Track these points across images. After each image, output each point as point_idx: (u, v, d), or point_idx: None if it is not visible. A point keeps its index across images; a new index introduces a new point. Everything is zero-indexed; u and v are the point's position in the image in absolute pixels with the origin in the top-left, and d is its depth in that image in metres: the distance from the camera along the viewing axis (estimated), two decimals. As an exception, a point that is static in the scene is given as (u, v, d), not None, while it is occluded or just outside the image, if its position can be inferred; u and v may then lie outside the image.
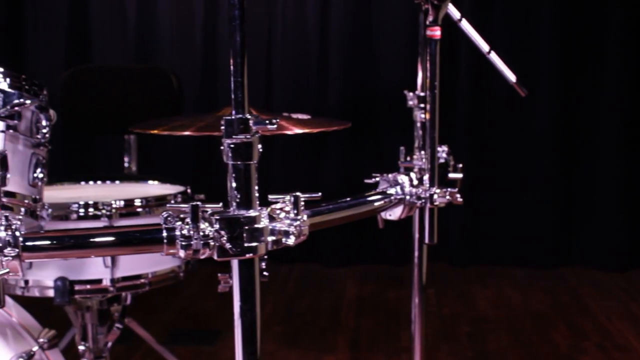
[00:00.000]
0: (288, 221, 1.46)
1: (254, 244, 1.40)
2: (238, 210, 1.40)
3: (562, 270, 4.71)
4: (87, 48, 4.81)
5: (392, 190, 1.85)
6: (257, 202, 1.41)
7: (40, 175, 1.63)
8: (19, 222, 1.35)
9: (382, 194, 1.81)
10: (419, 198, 1.84)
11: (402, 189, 1.84)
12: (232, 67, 1.43)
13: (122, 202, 1.93)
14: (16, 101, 1.53)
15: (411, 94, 2.43)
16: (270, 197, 1.49)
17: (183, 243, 1.37)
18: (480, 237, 4.78)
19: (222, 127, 1.40)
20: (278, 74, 4.77)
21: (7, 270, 1.35)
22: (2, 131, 1.53)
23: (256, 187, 1.40)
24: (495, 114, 4.72)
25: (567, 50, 4.61)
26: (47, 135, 1.65)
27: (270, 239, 1.42)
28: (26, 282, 1.96)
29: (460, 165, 2.13)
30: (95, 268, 1.92)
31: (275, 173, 4.61)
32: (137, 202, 1.95)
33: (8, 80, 1.55)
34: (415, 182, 1.87)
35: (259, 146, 1.40)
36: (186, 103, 3.20)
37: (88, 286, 1.93)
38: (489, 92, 4.63)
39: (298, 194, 1.46)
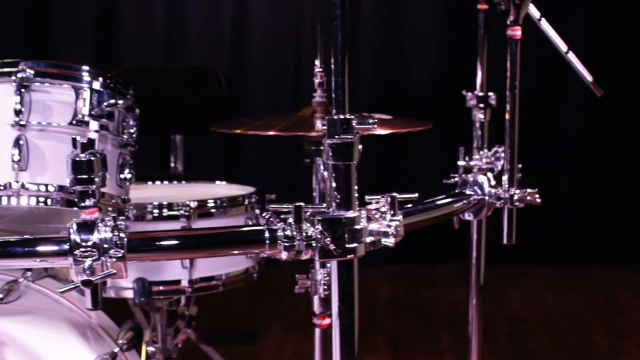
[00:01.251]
0: (385, 222, 1.45)
1: (354, 244, 1.39)
2: (338, 211, 1.38)
3: (592, 270, 4.70)
4: (116, 47, 4.80)
5: (471, 191, 1.84)
6: (357, 203, 1.40)
7: (129, 176, 1.63)
8: (123, 224, 1.34)
9: (463, 195, 1.81)
10: (498, 198, 1.83)
11: (481, 189, 1.83)
12: (333, 67, 1.42)
13: (196, 203, 1.91)
14: (110, 101, 1.52)
15: (470, 94, 2.43)
16: (367, 197, 1.48)
17: (286, 244, 1.36)
18: (510, 237, 4.77)
19: (324, 127, 1.39)
20: (307, 74, 4.75)
21: (113, 271, 1.34)
22: (96, 131, 1.52)
23: (356, 188, 1.39)
24: (524, 113, 4.70)
25: (597, 50, 4.61)
26: (134, 135, 1.64)
27: (368, 239, 1.41)
28: (104, 283, 1.94)
29: (520, 166, 2.11)
30: (173, 269, 1.91)
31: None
32: (211, 203, 1.94)
33: (100, 79, 1.55)
34: (493, 182, 1.86)
35: (360, 146, 1.40)
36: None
37: (166, 287, 1.92)
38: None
39: (395, 194, 1.45)
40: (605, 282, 4.52)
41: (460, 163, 2.33)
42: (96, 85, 1.53)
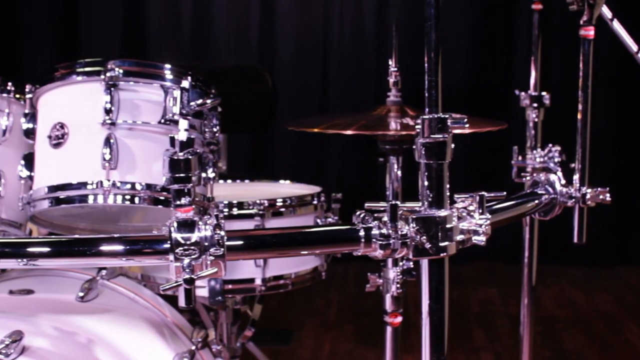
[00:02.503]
0: (474, 220, 1.45)
1: (446, 243, 1.39)
2: (430, 210, 1.39)
3: (619, 269, 4.71)
4: (142, 47, 4.80)
5: (542, 190, 1.84)
6: (448, 202, 1.40)
7: (212, 175, 1.63)
8: (223, 221, 1.35)
9: (536, 195, 1.81)
10: (570, 197, 1.83)
11: (553, 188, 1.84)
12: (426, 66, 1.42)
13: (267, 202, 1.92)
14: (200, 100, 1.52)
15: (523, 93, 2.44)
16: (457, 196, 1.48)
17: (382, 242, 1.37)
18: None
19: (418, 126, 1.40)
20: (334, 74, 4.77)
21: (216, 269, 1.34)
22: (186, 130, 1.52)
23: (447, 187, 1.40)
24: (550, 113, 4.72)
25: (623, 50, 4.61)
26: (216, 135, 1.64)
27: (459, 238, 1.42)
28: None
29: (573, 166, 2.12)
30: (247, 268, 1.91)
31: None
32: (280, 202, 1.95)
33: (189, 78, 1.55)
34: (563, 181, 1.86)
35: (452, 145, 1.40)
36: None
37: (240, 286, 1.92)
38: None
39: (483, 193, 1.45)
40: (633, 280, 4.53)
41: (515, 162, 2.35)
42: (185, 84, 1.54)
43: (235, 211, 1.93)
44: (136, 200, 1.53)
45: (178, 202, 1.40)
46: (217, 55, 4.76)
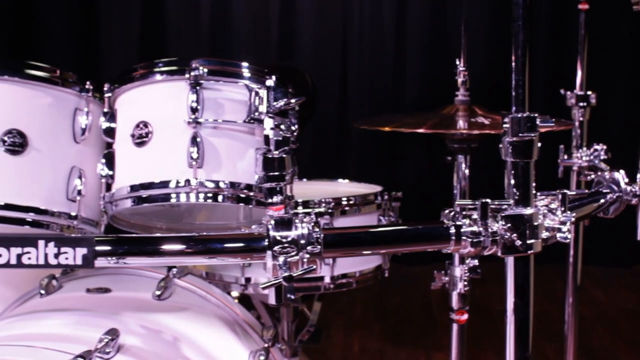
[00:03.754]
0: (557, 218, 1.46)
1: (533, 240, 1.41)
2: (516, 208, 1.40)
3: (638, 268, 4.74)
4: (161, 45, 4.80)
5: (607, 189, 1.86)
6: (535, 200, 1.42)
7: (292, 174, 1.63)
8: (316, 219, 1.36)
9: (601, 193, 1.83)
10: (635, 195, 1.85)
11: (618, 186, 1.85)
12: (513, 65, 1.44)
13: (332, 201, 1.92)
14: (285, 99, 1.53)
15: (569, 92, 2.46)
16: (540, 193, 1.49)
17: (473, 240, 1.38)
18: (555, 235, 4.82)
19: (506, 125, 1.41)
20: (353, 73, 4.78)
21: (314, 267, 1.35)
22: (272, 129, 1.53)
23: (534, 185, 1.41)
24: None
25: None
26: (295, 134, 1.65)
27: (544, 235, 1.43)
28: (247, 279, 1.96)
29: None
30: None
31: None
32: (345, 201, 1.96)
33: (273, 78, 1.56)
34: (627, 179, 1.88)
35: (539, 144, 1.41)
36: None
37: (310, 284, 1.93)
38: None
39: (566, 191, 1.47)
40: (653, 279, 4.57)
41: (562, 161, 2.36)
42: (269, 83, 1.55)
43: (300, 210, 1.94)
44: (219, 198, 1.53)
45: (270, 200, 1.41)
46: (236, 54, 4.76)
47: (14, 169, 1.54)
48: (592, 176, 1.87)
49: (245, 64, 1.58)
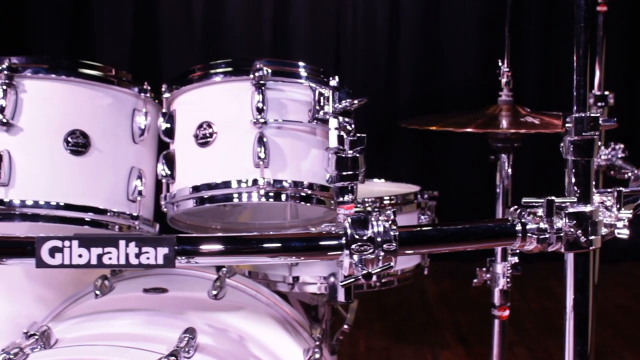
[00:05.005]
0: (614, 214, 1.51)
1: (594, 237, 1.45)
2: (578, 205, 1.44)
3: (628, 265, 4.83)
4: (153, 44, 4.79)
5: (643, 186, 1.91)
6: (594, 197, 1.46)
7: None
8: (393, 217, 1.38)
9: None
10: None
11: (658, 184, 1.91)
12: (574, 65, 1.47)
13: (373, 200, 1.95)
14: (349, 99, 1.54)
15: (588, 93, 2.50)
16: (597, 190, 1.53)
17: (540, 237, 1.42)
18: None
19: (568, 125, 1.45)
20: (347, 72, 4.80)
21: (392, 264, 1.38)
22: (336, 128, 1.54)
23: (594, 183, 1.45)
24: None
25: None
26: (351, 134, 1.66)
27: (603, 231, 1.47)
28: (295, 278, 1.97)
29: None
30: (362, 264, 1.93)
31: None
32: (387, 200, 1.98)
33: (336, 78, 1.58)
34: (661, 178, 1.93)
35: (599, 144, 1.45)
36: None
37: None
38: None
39: (621, 188, 1.51)
40: (642, 275, 4.66)
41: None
42: (333, 83, 1.57)
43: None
44: (282, 197, 1.55)
45: (341, 199, 1.43)
46: (229, 52, 4.75)
47: (77, 169, 1.54)
48: (629, 174, 1.93)
49: (306, 64, 1.60)
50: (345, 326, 2.19)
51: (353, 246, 1.35)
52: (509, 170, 1.95)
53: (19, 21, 4.71)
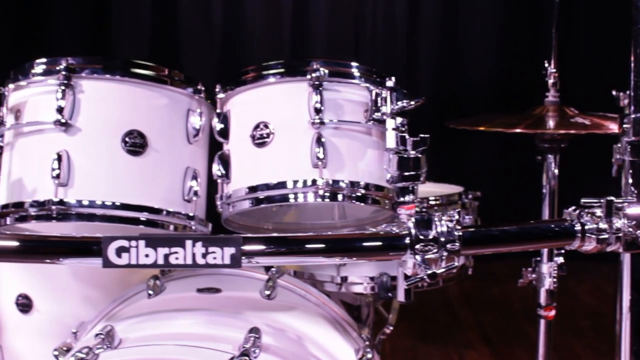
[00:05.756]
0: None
1: (652, 237, 1.44)
2: (636, 205, 1.45)
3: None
4: (173, 46, 4.79)
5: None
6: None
7: None
8: (458, 217, 1.39)
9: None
10: None
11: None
12: (632, 66, 1.48)
13: (423, 201, 1.95)
14: (406, 100, 1.55)
15: (622, 93, 2.50)
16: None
17: (599, 237, 1.42)
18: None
19: (626, 126, 1.46)
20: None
21: (456, 264, 1.38)
22: (394, 129, 1.55)
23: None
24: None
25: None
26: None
27: (660, 231, 1.47)
28: (344, 278, 1.98)
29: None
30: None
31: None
32: (432, 201, 1.98)
33: (393, 79, 1.58)
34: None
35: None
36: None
37: None
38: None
39: (677, 189, 1.51)
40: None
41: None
42: (390, 84, 1.57)
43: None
44: (339, 197, 1.55)
45: (402, 200, 1.43)
46: (248, 53, 4.76)
47: (135, 169, 1.55)
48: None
49: (359, 65, 1.60)
50: (389, 326, 2.19)
51: (417, 246, 1.36)
52: (556, 171, 1.95)
53: (37, 25, 4.72)
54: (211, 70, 4.63)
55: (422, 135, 1.43)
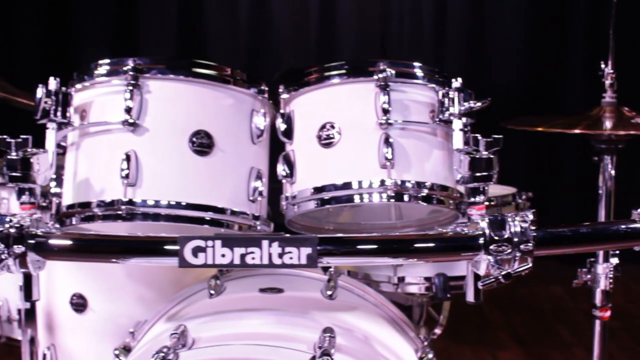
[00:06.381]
0: None
1: None
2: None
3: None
4: (199, 47, 4.80)
5: None
6: None
7: None
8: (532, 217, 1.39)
9: None
10: None
11: None
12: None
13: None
14: (472, 101, 1.55)
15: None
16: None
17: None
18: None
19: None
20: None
21: (530, 264, 1.38)
22: (462, 130, 1.55)
23: None
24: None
25: None
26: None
27: None
28: (401, 279, 1.98)
29: None
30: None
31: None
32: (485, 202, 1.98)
33: (459, 80, 1.59)
34: None
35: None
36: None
37: (462, 282, 1.95)
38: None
39: None
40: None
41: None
42: (456, 84, 1.57)
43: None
44: (405, 198, 1.55)
45: (473, 200, 1.43)
46: (274, 55, 4.76)
47: (202, 169, 1.55)
48: None
49: (422, 65, 1.61)
50: (439, 327, 2.19)
51: (491, 247, 1.36)
52: (612, 172, 1.95)
53: (63, 25, 4.73)
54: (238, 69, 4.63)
55: (495, 136, 1.43)
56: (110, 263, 1.38)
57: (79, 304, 1.98)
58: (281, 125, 1.63)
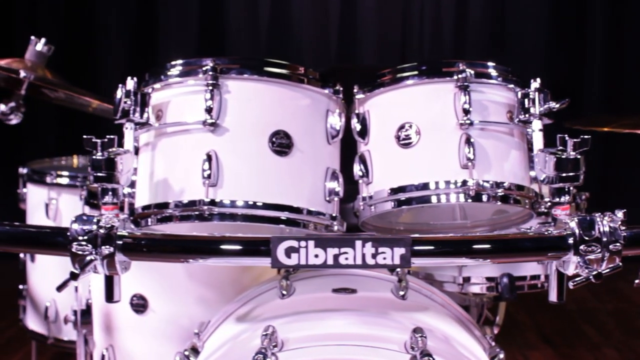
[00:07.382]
0: None
1: None
2: None
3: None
4: (220, 46, 4.80)
5: None
6: None
7: None
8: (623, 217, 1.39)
9: None
10: None
11: None
12: None
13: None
14: (552, 102, 1.56)
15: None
16: None
17: None
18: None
19: None
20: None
21: (620, 264, 1.39)
22: (541, 130, 1.56)
23: None
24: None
25: None
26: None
27: None
28: (466, 279, 1.98)
29: None
30: (532, 264, 1.95)
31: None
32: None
33: (538, 80, 1.59)
34: None
35: None
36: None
37: (527, 282, 1.96)
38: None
39: None
40: None
41: None
42: (535, 85, 1.58)
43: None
44: (484, 198, 1.55)
45: (557, 200, 1.44)
46: (295, 55, 4.77)
47: (282, 169, 1.55)
48: None
49: (496, 64, 1.61)
50: (496, 327, 2.20)
51: (581, 247, 1.36)
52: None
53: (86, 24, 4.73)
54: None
55: (583, 137, 1.43)
56: (199, 264, 1.38)
57: (139, 304, 1.98)
58: (357, 126, 1.63)
